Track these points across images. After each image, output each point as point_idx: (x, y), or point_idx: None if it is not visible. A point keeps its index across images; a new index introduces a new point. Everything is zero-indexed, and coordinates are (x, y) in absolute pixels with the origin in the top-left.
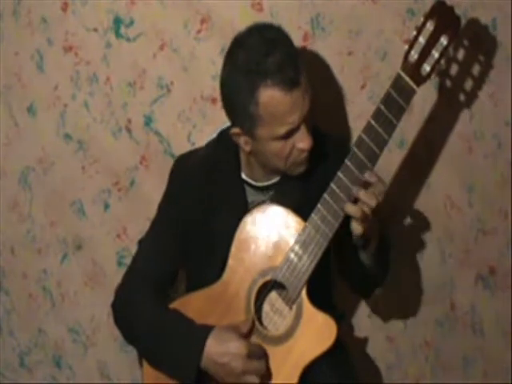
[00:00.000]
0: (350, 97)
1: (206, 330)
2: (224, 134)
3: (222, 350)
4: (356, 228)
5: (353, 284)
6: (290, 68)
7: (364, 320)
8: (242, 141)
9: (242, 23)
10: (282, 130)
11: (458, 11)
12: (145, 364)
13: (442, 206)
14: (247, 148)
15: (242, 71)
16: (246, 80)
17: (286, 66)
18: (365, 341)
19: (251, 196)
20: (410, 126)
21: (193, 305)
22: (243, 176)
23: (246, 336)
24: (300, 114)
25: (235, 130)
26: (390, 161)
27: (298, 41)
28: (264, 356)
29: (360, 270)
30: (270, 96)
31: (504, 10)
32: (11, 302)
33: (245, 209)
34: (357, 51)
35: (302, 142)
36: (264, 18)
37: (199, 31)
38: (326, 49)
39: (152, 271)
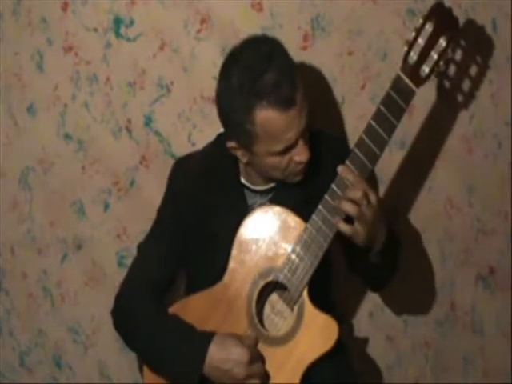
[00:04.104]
0: (350, 97)
1: (208, 336)
2: (222, 138)
3: (224, 356)
4: (357, 231)
5: (363, 279)
6: (285, 86)
7: (364, 320)
8: (239, 153)
9: (242, 23)
10: (279, 147)
11: (457, 11)
12: (145, 366)
13: (442, 206)
14: (244, 159)
15: (238, 90)
16: (241, 99)
17: (281, 84)
18: (365, 341)
19: (250, 199)
20: (410, 127)
21: (194, 307)
22: (242, 180)
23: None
24: (297, 131)
25: (231, 143)
26: (391, 161)
27: (298, 41)
28: (262, 358)
29: (368, 267)
30: (267, 117)
31: (504, 10)
32: (11, 301)
33: (245, 211)
34: (357, 51)
35: (300, 155)
36: (264, 18)
37: (199, 31)
38: (326, 49)
39: (151, 276)
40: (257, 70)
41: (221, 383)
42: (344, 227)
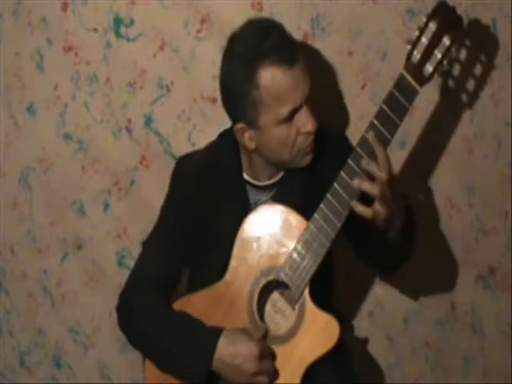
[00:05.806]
0: (350, 97)
1: (217, 331)
2: (224, 136)
3: (233, 351)
4: (379, 210)
5: (376, 263)
6: (286, 46)
7: (364, 320)
8: (247, 137)
9: (241, 23)
10: (285, 111)
11: (457, 11)
12: (147, 365)
13: (442, 205)
14: (252, 145)
15: (240, 59)
16: (244, 66)
17: (282, 45)
18: (365, 341)
19: (253, 195)
20: (411, 127)
21: (195, 304)
22: (245, 176)
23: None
24: (301, 92)
25: (239, 125)
26: (391, 161)
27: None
28: (273, 355)
29: (386, 248)
30: (270, 76)
31: (504, 10)
32: (11, 301)
33: (247, 208)
34: (357, 51)
35: (306, 124)
36: None
37: (199, 31)
38: (326, 49)
39: (156, 273)
40: (257, 38)
41: (230, 378)
42: (363, 210)
